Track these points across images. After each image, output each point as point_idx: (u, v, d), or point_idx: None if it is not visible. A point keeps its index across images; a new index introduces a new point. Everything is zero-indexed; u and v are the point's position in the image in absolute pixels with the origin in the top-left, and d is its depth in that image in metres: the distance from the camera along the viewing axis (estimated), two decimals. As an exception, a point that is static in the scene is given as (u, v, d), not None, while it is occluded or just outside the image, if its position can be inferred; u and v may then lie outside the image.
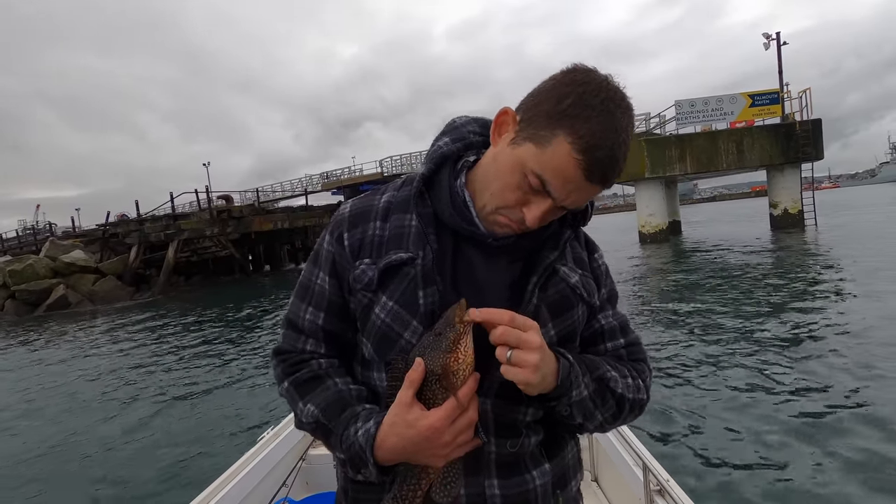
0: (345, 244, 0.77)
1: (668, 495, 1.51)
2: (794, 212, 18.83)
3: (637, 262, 15.40)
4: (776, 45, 19.50)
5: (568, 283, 0.77)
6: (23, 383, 7.91)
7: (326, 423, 0.72)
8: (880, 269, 9.36)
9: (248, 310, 13.03)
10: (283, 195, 39.59)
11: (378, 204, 0.79)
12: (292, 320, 0.80)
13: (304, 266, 0.84)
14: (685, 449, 3.53)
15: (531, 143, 0.65)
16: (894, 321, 5.95)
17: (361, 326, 0.77)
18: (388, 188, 0.82)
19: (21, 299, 19.21)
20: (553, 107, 0.64)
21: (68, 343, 11.31)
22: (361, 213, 0.78)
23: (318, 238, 0.83)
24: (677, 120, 19.07)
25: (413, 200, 0.75)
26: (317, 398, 0.74)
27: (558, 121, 0.63)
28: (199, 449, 4.44)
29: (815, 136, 18.05)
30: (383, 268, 0.73)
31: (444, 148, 0.77)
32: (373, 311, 0.74)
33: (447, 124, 0.82)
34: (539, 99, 0.67)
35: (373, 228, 0.77)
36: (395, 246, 0.75)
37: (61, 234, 28.91)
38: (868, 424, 3.54)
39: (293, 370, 0.77)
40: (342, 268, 0.77)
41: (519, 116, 0.68)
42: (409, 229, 0.75)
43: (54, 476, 4.35)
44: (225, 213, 22.14)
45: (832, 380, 4.39)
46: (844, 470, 3.06)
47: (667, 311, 7.86)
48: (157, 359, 8.44)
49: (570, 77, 0.65)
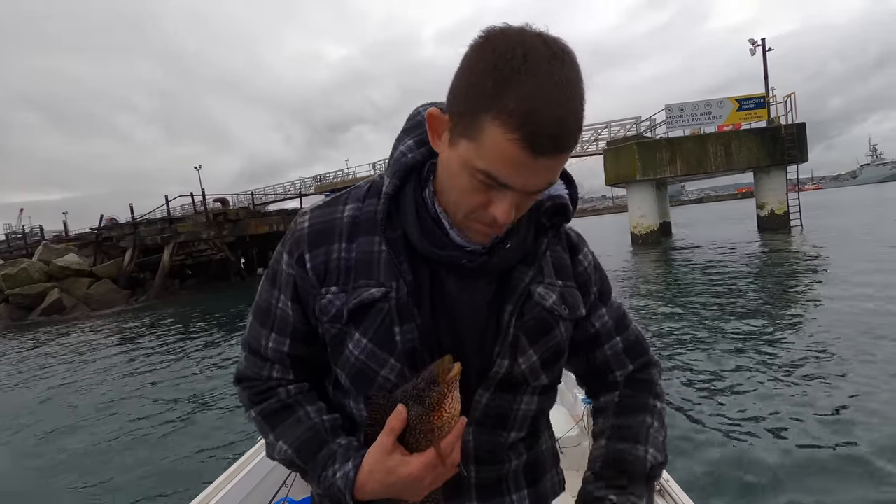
0: (307, 267, 0.69)
1: (668, 495, 1.50)
2: (781, 212, 19.37)
3: (630, 265, 15.74)
4: (762, 51, 20.08)
5: (544, 307, 0.72)
6: (19, 387, 7.83)
7: (302, 465, 0.68)
8: (865, 268, 9.73)
9: (244, 314, 12.99)
10: (275, 198, 39.57)
11: (341, 219, 0.71)
12: (254, 347, 0.73)
13: (261, 285, 0.75)
14: (685, 449, 3.54)
15: (465, 140, 0.56)
16: (886, 318, 6.14)
17: (333, 357, 0.72)
18: (351, 196, 0.73)
19: (15, 303, 19.06)
20: (471, 90, 0.54)
21: (65, 347, 11.24)
22: (322, 231, 0.70)
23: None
24: (667, 123, 19.54)
25: (380, 225, 0.68)
26: (288, 435, 0.69)
27: (480, 103, 0.53)
28: (199, 449, 4.43)
29: (800, 139, 18.61)
30: (353, 307, 0.67)
31: (408, 156, 0.69)
32: (345, 346, 0.69)
33: (409, 117, 0.73)
34: (457, 87, 0.57)
35: (337, 251, 0.69)
36: (364, 275, 0.68)
37: (52, 237, 28.62)
38: (868, 424, 3.56)
39: (259, 399, 0.73)
40: (305, 293, 0.70)
41: (447, 112, 0.59)
42: (379, 255, 0.68)
43: (52, 477, 4.33)
44: (221, 216, 22.15)
45: (832, 380, 4.42)
46: (845, 469, 3.08)
47: (665, 312, 7.96)
48: (156, 362, 8.36)
49: (480, 49, 0.55)
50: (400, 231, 0.68)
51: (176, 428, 5.12)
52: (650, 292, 9.99)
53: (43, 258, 20.94)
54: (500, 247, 0.69)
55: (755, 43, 20.27)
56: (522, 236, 0.71)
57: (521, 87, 0.51)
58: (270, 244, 27.22)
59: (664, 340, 6.47)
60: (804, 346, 5.48)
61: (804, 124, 18.89)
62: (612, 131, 23.02)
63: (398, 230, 0.68)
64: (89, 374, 8.24)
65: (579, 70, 0.55)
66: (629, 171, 19.23)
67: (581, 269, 0.79)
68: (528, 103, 0.51)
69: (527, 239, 0.71)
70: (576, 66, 0.55)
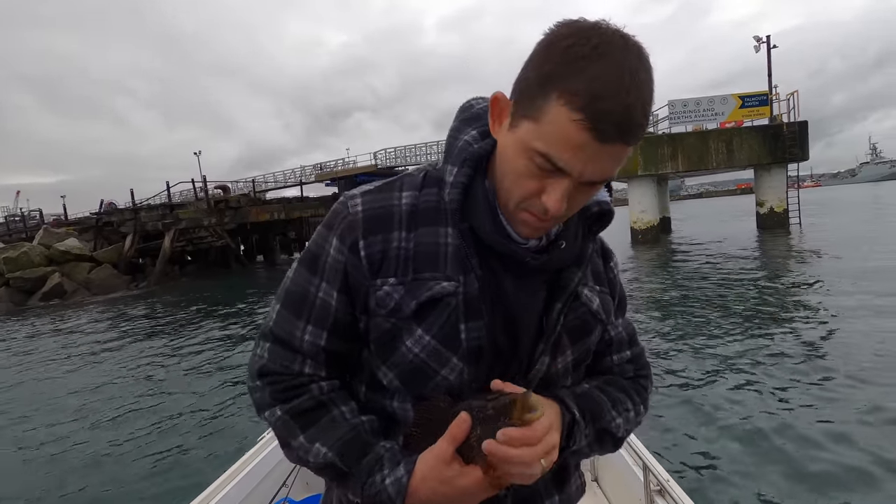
0: (360, 254, 0.65)
1: (668, 495, 1.50)
2: (780, 210, 19.48)
3: (630, 260, 15.83)
4: (766, 48, 20.04)
5: (590, 309, 0.73)
6: (18, 374, 7.79)
7: (345, 469, 0.64)
8: (864, 269, 9.85)
9: (246, 302, 12.96)
10: (275, 186, 39.47)
11: (399, 206, 0.67)
12: (283, 338, 0.67)
13: (294, 270, 0.70)
14: (685, 449, 3.54)
15: (527, 121, 0.56)
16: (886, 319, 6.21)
17: (381, 353, 0.67)
18: (405, 184, 0.70)
19: (16, 287, 19.11)
20: (540, 71, 0.54)
21: (66, 333, 11.22)
22: (380, 218, 0.66)
23: (313, 234, 0.70)
24: (670, 119, 19.55)
25: (454, 216, 0.66)
26: (326, 437, 0.65)
27: (548, 84, 0.53)
28: (199, 449, 4.37)
29: (802, 137, 18.66)
30: (424, 300, 0.64)
31: (474, 146, 0.67)
32: (402, 343, 0.65)
33: (463, 109, 0.72)
34: (526, 70, 0.57)
35: (397, 239, 0.66)
36: (429, 267, 0.65)
37: (52, 221, 28.57)
38: (867, 426, 3.57)
39: (288, 396, 0.66)
40: (357, 282, 0.66)
41: (512, 98, 0.59)
42: (445, 248, 0.66)
43: (48, 473, 4.24)
44: (222, 203, 22.16)
45: (831, 380, 4.45)
46: (845, 469, 3.09)
47: (666, 312, 7.96)
48: (157, 353, 8.26)
49: (554, 35, 0.55)
50: (467, 224, 0.66)
51: (177, 423, 5.04)
52: (648, 294, 10.05)
53: (43, 242, 20.95)
54: (556, 245, 0.69)
55: (760, 40, 20.22)
56: (573, 236, 0.70)
57: (592, 68, 0.51)
58: (270, 231, 27.29)
59: (665, 341, 6.51)
60: (803, 345, 5.51)
61: (806, 123, 18.92)
62: (614, 125, 22.95)
63: (465, 223, 0.66)
64: (89, 361, 8.21)
65: (651, 68, 0.55)
66: (631, 166, 19.26)
67: (612, 276, 0.80)
68: (597, 85, 0.51)
69: (577, 240, 0.71)
70: (648, 62, 0.54)
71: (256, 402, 0.69)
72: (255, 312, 11.39)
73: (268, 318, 0.70)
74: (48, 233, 22.01)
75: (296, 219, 25.66)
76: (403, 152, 34.05)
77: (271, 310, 0.70)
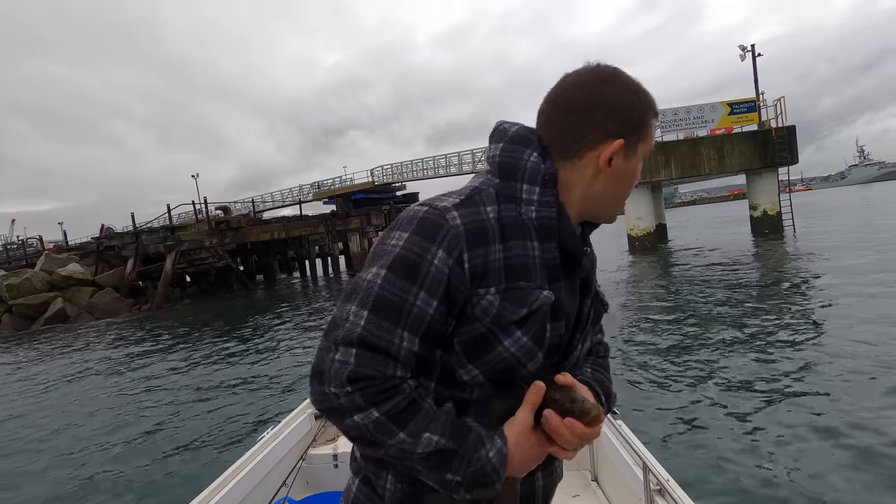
0: (465, 266, 0.70)
1: (668, 495, 1.51)
2: (773, 213, 19.83)
3: (627, 268, 16.02)
4: (752, 56, 20.61)
5: (603, 301, 0.88)
6: (22, 395, 7.89)
7: (455, 448, 0.68)
8: (856, 269, 10.08)
9: (247, 321, 13.11)
10: (273, 205, 39.69)
11: (489, 221, 0.73)
12: (377, 344, 0.68)
13: (384, 277, 0.70)
14: (685, 449, 3.56)
15: (641, 143, 0.76)
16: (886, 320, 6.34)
17: (471, 353, 0.73)
18: (484, 198, 0.75)
19: (19, 313, 19.13)
20: (640, 108, 0.75)
21: (72, 356, 11.29)
22: (479, 231, 0.72)
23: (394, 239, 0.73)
24: (662, 127, 19.97)
25: (545, 231, 0.75)
26: (433, 426, 0.69)
27: (647, 114, 0.76)
28: (199, 449, 4.43)
29: (790, 141, 19.11)
30: (535, 308, 0.73)
31: (543, 167, 0.76)
32: (498, 343, 0.72)
33: (501, 131, 0.81)
34: (624, 112, 0.74)
35: (494, 252, 0.71)
36: (523, 277, 0.72)
37: (52, 247, 28.63)
38: (866, 426, 3.61)
39: (382, 398, 0.67)
40: (457, 292, 0.70)
41: (624, 139, 0.75)
42: (534, 260, 0.73)
43: (54, 479, 4.37)
44: (223, 224, 22.31)
45: (831, 381, 4.50)
46: (845, 470, 3.11)
47: (665, 315, 8.15)
48: (158, 366, 8.45)
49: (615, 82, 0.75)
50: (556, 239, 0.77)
51: (178, 424, 5.16)
52: (648, 298, 10.23)
53: (45, 268, 21.02)
54: (586, 250, 0.82)
55: (745, 49, 20.80)
56: (589, 242, 0.86)
57: (646, 94, 0.77)
58: (270, 251, 27.42)
59: (665, 342, 6.66)
60: (802, 347, 5.59)
61: (794, 127, 19.39)
62: (607, 136, 23.39)
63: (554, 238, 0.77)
64: (95, 382, 8.28)
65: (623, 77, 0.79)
66: (625, 175, 19.60)
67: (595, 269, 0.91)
68: (652, 100, 0.78)
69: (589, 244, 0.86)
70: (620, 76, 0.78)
71: (342, 407, 0.67)
72: (255, 329, 11.48)
73: (340, 322, 0.69)
74: (50, 259, 22.09)
75: (295, 237, 25.80)
76: (400, 168, 34.43)
77: (348, 314, 0.69)
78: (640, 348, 6.27)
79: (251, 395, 6.03)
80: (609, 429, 2.05)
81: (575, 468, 2.31)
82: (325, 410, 0.69)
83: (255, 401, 5.74)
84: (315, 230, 25.28)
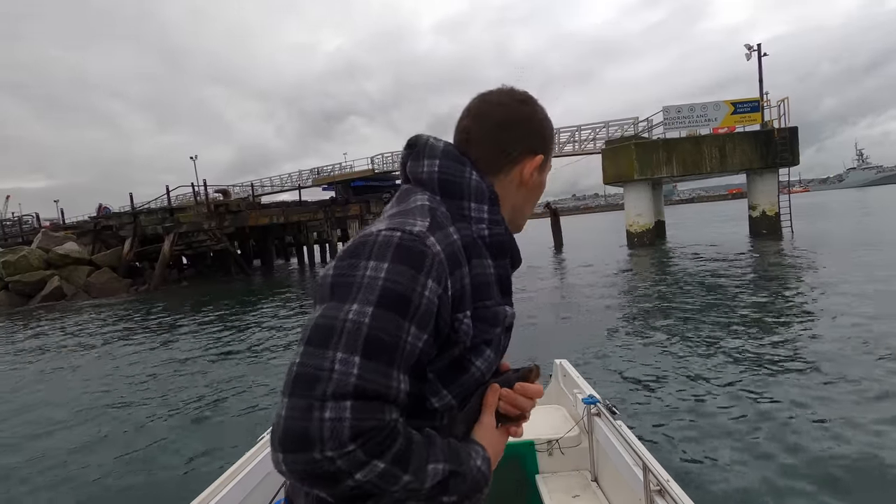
0: (449, 293, 0.68)
1: (668, 495, 1.51)
2: (772, 214, 19.93)
3: (628, 266, 16.11)
4: (757, 56, 20.56)
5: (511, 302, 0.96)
6: (16, 376, 7.70)
7: (458, 471, 0.68)
8: (850, 270, 10.20)
9: (245, 308, 12.90)
10: (271, 190, 39.54)
11: (457, 243, 0.72)
12: (375, 391, 0.60)
13: (373, 313, 0.62)
14: (685, 449, 3.56)
15: (548, 163, 0.86)
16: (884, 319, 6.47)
17: (446, 379, 0.72)
18: (444, 217, 0.74)
19: (15, 290, 19.08)
20: (549, 133, 0.85)
21: (66, 336, 11.16)
22: (454, 256, 0.70)
23: (383, 272, 0.64)
24: (665, 125, 19.97)
25: (502, 247, 0.77)
26: (433, 456, 0.66)
27: (553, 133, 0.87)
28: (199, 449, 4.32)
29: (792, 142, 19.16)
30: (507, 326, 0.78)
31: (485, 184, 0.79)
32: (472, 364, 0.73)
33: (431, 147, 0.80)
34: (538, 132, 0.83)
35: (466, 275, 0.72)
36: (484, 295, 0.73)
37: (48, 225, 28.47)
38: (865, 426, 3.64)
39: (384, 448, 0.61)
40: (444, 322, 0.68)
41: (541, 154, 0.84)
42: (491, 276, 0.75)
43: (44, 475, 4.15)
44: (223, 207, 22.23)
45: (830, 382, 4.54)
46: (843, 469, 3.13)
47: (664, 314, 8.14)
48: (156, 357, 8.14)
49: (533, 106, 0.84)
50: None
51: (177, 424, 4.98)
52: (648, 292, 10.31)
53: (42, 246, 20.93)
54: None
55: (751, 48, 20.74)
56: None
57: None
58: (268, 236, 27.36)
59: (666, 343, 6.72)
60: (801, 347, 5.64)
61: (796, 128, 19.42)
62: (609, 131, 23.43)
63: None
64: (89, 364, 8.11)
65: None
66: (627, 171, 19.66)
67: None
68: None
69: None
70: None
71: (339, 471, 0.58)
72: (254, 318, 11.29)
73: (322, 374, 0.59)
74: (47, 236, 21.98)
75: (294, 223, 25.75)
76: (399, 157, 34.25)
77: (332, 363, 0.60)
78: (640, 348, 6.31)
79: (249, 393, 5.79)
80: (609, 429, 2.05)
81: (575, 468, 2.33)
82: (311, 478, 0.59)
83: (254, 400, 5.53)
84: (314, 216, 25.24)
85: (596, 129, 23.88)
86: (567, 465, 2.33)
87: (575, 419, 2.44)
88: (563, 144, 25.72)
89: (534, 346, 6.83)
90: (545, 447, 2.33)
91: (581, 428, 2.36)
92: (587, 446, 2.25)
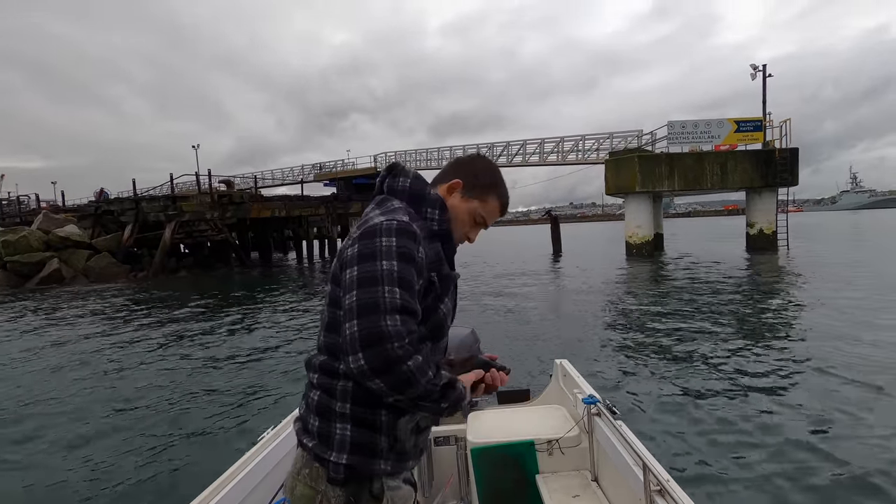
0: (424, 258, 1.04)
1: (668, 495, 1.51)
2: (769, 232, 20.25)
3: (627, 275, 16.26)
4: (762, 76, 20.90)
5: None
6: (9, 362, 7.39)
7: (455, 380, 1.03)
8: (844, 289, 10.43)
9: (245, 301, 12.79)
10: (272, 183, 39.49)
11: (419, 232, 1.06)
12: (411, 309, 0.95)
13: (398, 265, 0.98)
14: (685, 449, 3.58)
15: (477, 200, 1.18)
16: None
17: (424, 316, 1.03)
18: (408, 214, 1.10)
19: (13, 270, 18.99)
20: (487, 181, 1.18)
21: (63, 321, 10.92)
22: (420, 236, 1.06)
23: (392, 240, 1.00)
24: (668, 139, 20.24)
25: (445, 236, 1.14)
26: (440, 367, 1.02)
27: (491, 188, 1.19)
28: (199, 449, 4.22)
29: (793, 163, 19.48)
30: (455, 278, 1.14)
31: (438, 196, 1.16)
32: (439, 309, 1.10)
33: (403, 170, 1.18)
34: (475, 175, 1.18)
35: (428, 249, 1.07)
36: (439, 265, 1.09)
37: (47, 207, 28.30)
38: (864, 428, 3.70)
39: (419, 347, 0.95)
40: (424, 275, 1.04)
41: (463, 183, 1.17)
42: (441, 254, 1.11)
43: (38, 471, 3.92)
44: (226, 198, 22.22)
45: (829, 382, 4.64)
46: (842, 469, 3.17)
47: (665, 318, 8.31)
48: (155, 350, 7.83)
49: (485, 162, 1.23)
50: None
51: (176, 423, 4.80)
52: (648, 299, 10.44)
53: (42, 227, 20.84)
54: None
55: (756, 68, 21.08)
56: None
57: (503, 186, 1.22)
58: (269, 229, 27.35)
59: (665, 340, 6.80)
60: (800, 353, 5.77)
61: (797, 150, 19.75)
62: (613, 142, 23.70)
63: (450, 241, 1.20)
64: (85, 355, 7.69)
65: None
66: (629, 183, 19.90)
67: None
68: (506, 195, 1.23)
69: None
70: None
71: (400, 358, 0.90)
72: (254, 311, 11.18)
73: (380, 300, 0.93)
74: (47, 218, 21.88)
75: (295, 217, 25.77)
76: (403, 157, 34.37)
77: (384, 293, 0.94)
78: (641, 350, 6.43)
79: (249, 392, 5.59)
80: (609, 429, 2.05)
81: (575, 468, 2.34)
82: (384, 363, 0.89)
83: (254, 399, 5.35)
84: (315, 211, 25.26)
85: (600, 140, 24.15)
86: (567, 465, 2.34)
87: (575, 419, 2.43)
88: (567, 153, 25.94)
89: (534, 345, 6.90)
90: (545, 447, 2.33)
91: (581, 428, 2.35)
92: (587, 446, 2.25)
